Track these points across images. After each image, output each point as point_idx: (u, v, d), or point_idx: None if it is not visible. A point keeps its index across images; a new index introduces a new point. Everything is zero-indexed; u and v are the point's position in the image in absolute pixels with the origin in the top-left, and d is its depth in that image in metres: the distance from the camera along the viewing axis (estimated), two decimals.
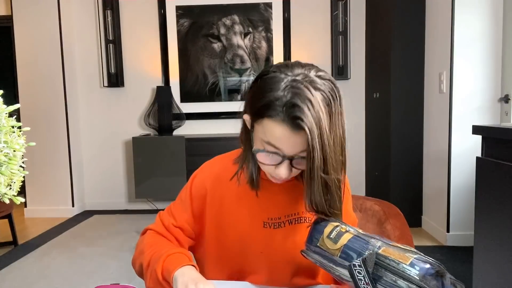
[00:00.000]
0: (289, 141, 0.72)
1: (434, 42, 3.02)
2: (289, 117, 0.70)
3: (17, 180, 0.57)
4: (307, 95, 0.69)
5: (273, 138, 0.72)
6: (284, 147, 0.73)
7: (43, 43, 3.79)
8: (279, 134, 0.71)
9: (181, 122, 4.00)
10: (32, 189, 3.91)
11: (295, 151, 0.73)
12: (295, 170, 0.77)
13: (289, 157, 0.74)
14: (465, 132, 2.71)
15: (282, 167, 0.75)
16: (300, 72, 0.73)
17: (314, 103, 0.69)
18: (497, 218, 1.50)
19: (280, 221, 0.87)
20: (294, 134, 0.71)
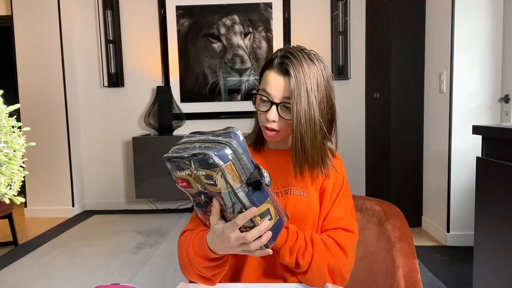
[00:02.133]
0: (277, 84, 0.89)
1: (434, 42, 3.02)
2: (279, 64, 0.89)
3: (17, 180, 0.57)
4: (298, 55, 0.89)
5: (266, 84, 0.91)
6: (273, 91, 0.89)
7: (43, 43, 3.79)
8: (270, 78, 0.90)
9: (181, 122, 4.00)
10: (32, 189, 3.91)
11: (281, 95, 0.89)
12: (282, 120, 0.90)
13: (276, 102, 0.89)
14: (465, 132, 2.71)
15: (271, 112, 0.90)
16: (298, 48, 0.93)
17: (302, 61, 0.88)
18: (497, 218, 1.50)
19: (278, 191, 0.96)
20: (281, 78, 0.89)
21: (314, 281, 0.90)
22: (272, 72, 0.90)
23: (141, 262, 2.68)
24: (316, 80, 0.88)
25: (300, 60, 0.88)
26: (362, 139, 4.04)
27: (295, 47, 0.92)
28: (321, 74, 0.89)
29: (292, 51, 0.90)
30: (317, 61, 0.90)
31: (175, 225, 3.50)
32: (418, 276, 0.99)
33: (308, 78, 0.87)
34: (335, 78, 3.93)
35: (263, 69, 0.94)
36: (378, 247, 1.08)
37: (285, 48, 0.93)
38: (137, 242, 3.09)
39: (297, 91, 0.86)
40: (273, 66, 0.90)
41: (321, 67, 0.90)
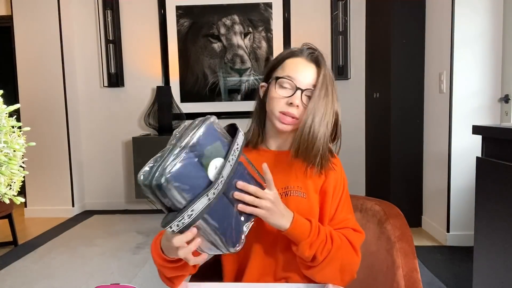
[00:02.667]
0: (305, 70, 0.93)
1: (434, 42, 3.02)
2: (309, 54, 0.95)
3: (17, 180, 0.57)
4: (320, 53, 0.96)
5: (292, 69, 0.93)
6: (301, 77, 0.92)
7: (43, 43, 3.78)
8: (299, 63, 0.94)
9: (181, 122, 4.00)
10: (32, 189, 3.91)
11: (307, 81, 0.92)
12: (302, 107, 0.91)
13: (301, 88, 0.91)
14: (465, 132, 2.71)
15: (295, 97, 0.91)
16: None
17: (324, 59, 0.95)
18: (497, 218, 1.50)
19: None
20: (311, 66, 0.93)
21: (325, 276, 0.90)
22: (301, 59, 0.94)
23: (141, 262, 2.68)
24: (332, 80, 0.94)
25: (323, 58, 0.95)
26: (362, 139, 4.04)
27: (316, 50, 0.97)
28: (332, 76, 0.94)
29: (315, 48, 0.96)
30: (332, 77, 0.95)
31: None
32: (418, 276, 0.99)
33: (329, 76, 0.93)
34: (335, 78, 3.93)
35: (285, 58, 0.96)
36: (378, 247, 1.08)
37: (306, 44, 0.97)
38: (137, 242, 3.09)
39: (324, 83, 0.91)
40: (302, 54, 0.95)
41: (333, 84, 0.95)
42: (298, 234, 0.86)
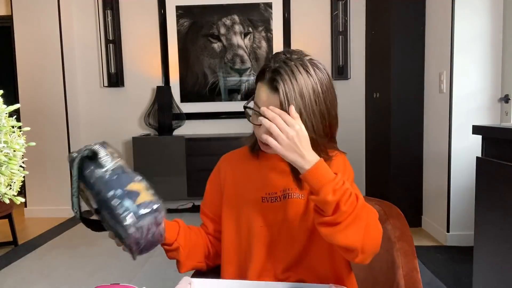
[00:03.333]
0: (267, 101, 0.84)
1: (434, 42, 3.02)
2: (269, 79, 0.84)
3: (17, 180, 0.57)
4: (292, 68, 0.83)
5: (258, 98, 0.87)
6: (264, 105, 0.84)
7: (43, 43, 3.78)
8: (261, 93, 0.86)
9: (181, 122, 4.00)
10: (32, 189, 3.91)
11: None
12: None
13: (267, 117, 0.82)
14: (465, 132, 2.71)
15: (263, 127, 0.83)
16: (296, 56, 0.86)
17: (296, 74, 0.82)
18: (497, 218, 1.50)
19: (276, 196, 0.95)
20: (272, 95, 0.84)
21: (347, 237, 0.79)
22: (263, 87, 0.85)
23: (141, 262, 2.68)
24: (312, 94, 0.83)
25: (294, 74, 0.82)
26: (362, 139, 4.04)
27: (291, 55, 0.86)
28: (318, 86, 0.84)
29: (286, 62, 0.84)
30: (314, 70, 0.85)
31: None
32: (418, 276, 0.99)
33: (303, 93, 0.82)
34: (335, 78, 3.94)
35: (257, 79, 0.89)
36: None
37: (281, 57, 0.86)
38: None
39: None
40: (264, 80, 0.85)
41: (319, 76, 0.85)
42: (319, 176, 0.77)
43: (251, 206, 0.96)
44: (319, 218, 0.80)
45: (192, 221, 1.08)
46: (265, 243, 0.95)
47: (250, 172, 0.99)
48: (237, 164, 1.03)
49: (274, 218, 0.95)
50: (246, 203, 0.97)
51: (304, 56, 0.87)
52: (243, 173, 1.00)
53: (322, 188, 0.77)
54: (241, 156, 1.03)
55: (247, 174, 0.99)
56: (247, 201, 0.97)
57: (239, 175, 1.01)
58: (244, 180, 0.99)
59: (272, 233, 0.95)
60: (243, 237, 0.98)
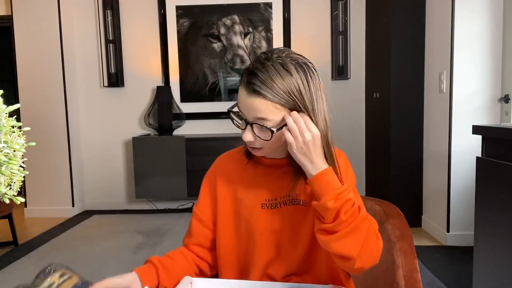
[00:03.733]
0: (246, 104, 0.82)
1: (434, 42, 3.02)
2: (248, 82, 0.80)
3: (17, 180, 0.57)
4: (270, 70, 0.79)
5: (239, 101, 0.84)
6: (244, 110, 0.83)
7: (43, 43, 3.79)
8: (241, 96, 0.83)
9: (181, 122, 4.00)
10: (32, 189, 3.91)
11: (252, 116, 0.82)
12: (259, 139, 0.84)
13: (249, 121, 0.83)
14: (465, 132, 2.71)
15: (246, 132, 0.84)
16: (277, 55, 0.82)
17: (274, 76, 0.79)
18: (497, 218, 1.50)
19: (276, 202, 0.93)
20: (251, 99, 0.80)
21: (344, 246, 0.79)
22: (242, 90, 0.82)
23: (141, 262, 2.67)
24: (294, 93, 0.80)
25: (269, 75, 0.79)
26: (362, 139, 4.04)
27: (272, 55, 0.82)
28: (300, 85, 0.80)
29: (264, 63, 0.80)
30: (296, 69, 0.80)
31: (175, 225, 3.50)
32: (418, 276, 0.99)
33: (280, 93, 0.79)
34: (335, 78, 3.95)
35: (240, 82, 0.85)
36: None
37: (260, 58, 0.82)
38: (137, 242, 3.09)
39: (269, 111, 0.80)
40: (242, 84, 0.82)
41: (302, 76, 0.80)
42: (324, 183, 0.79)
43: (250, 213, 0.94)
44: (319, 225, 0.82)
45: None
46: (265, 250, 0.94)
47: (248, 178, 0.96)
48: (234, 169, 0.99)
49: (274, 224, 0.93)
50: (245, 210, 0.95)
51: (289, 55, 0.82)
52: (241, 179, 0.97)
53: (324, 194, 0.79)
54: (237, 160, 0.99)
55: (245, 180, 0.97)
56: (246, 208, 0.95)
57: (237, 181, 0.97)
58: (243, 186, 0.96)
59: (272, 240, 0.93)
60: (242, 244, 0.96)
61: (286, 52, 0.83)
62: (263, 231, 0.93)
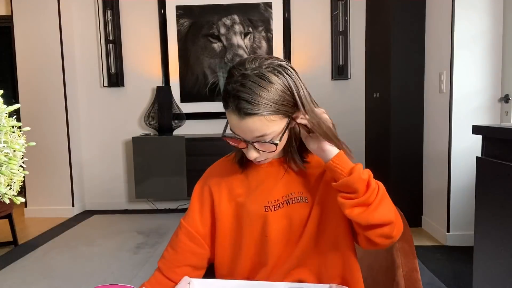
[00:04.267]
0: (241, 129, 0.81)
1: (434, 42, 3.02)
2: (237, 108, 0.79)
3: (17, 180, 0.57)
4: (252, 87, 0.77)
5: (232, 126, 0.83)
6: (240, 133, 0.82)
7: (43, 43, 3.79)
8: (233, 122, 0.82)
9: (181, 122, 4.00)
10: (32, 189, 3.91)
11: (252, 136, 0.81)
12: (264, 153, 0.85)
13: (250, 142, 0.83)
14: (465, 132, 2.71)
15: (249, 151, 0.85)
16: (250, 66, 0.80)
17: (258, 91, 0.77)
18: (497, 218, 1.50)
19: (278, 203, 0.93)
20: (244, 123, 0.80)
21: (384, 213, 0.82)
22: (233, 116, 0.81)
23: (141, 262, 2.68)
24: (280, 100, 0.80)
25: (256, 92, 0.77)
26: (362, 139, 4.05)
27: (245, 70, 0.79)
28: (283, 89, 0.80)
29: (243, 83, 0.78)
30: (275, 75, 0.79)
31: (175, 225, 3.49)
32: (418, 276, 0.99)
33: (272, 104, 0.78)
34: (335, 78, 3.95)
35: (224, 106, 0.83)
36: None
37: (235, 77, 0.80)
38: (137, 242, 3.09)
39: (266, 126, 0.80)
40: (230, 107, 0.80)
41: (282, 79, 0.80)
42: (347, 160, 0.84)
43: (253, 217, 0.93)
44: (351, 201, 0.82)
45: None
46: (270, 251, 0.93)
47: (247, 183, 0.95)
48: (229, 176, 0.97)
49: (278, 225, 0.92)
50: (247, 215, 0.93)
51: (262, 64, 0.80)
52: (239, 185, 0.96)
53: (354, 168, 0.83)
54: (229, 167, 0.98)
55: (244, 186, 0.95)
56: (249, 213, 0.93)
57: (235, 188, 0.95)
58: (242, 192, 0.95)
59: (277, 241, 0.93)
60: (244, 249, 0.94)
61: (257, 60, 0.81)
62: (268, 233, 0.92)
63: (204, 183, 0.99)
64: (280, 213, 0.92)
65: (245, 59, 0.83)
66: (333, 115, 0.89)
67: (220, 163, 1.02)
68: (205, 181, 0.99)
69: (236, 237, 0.95)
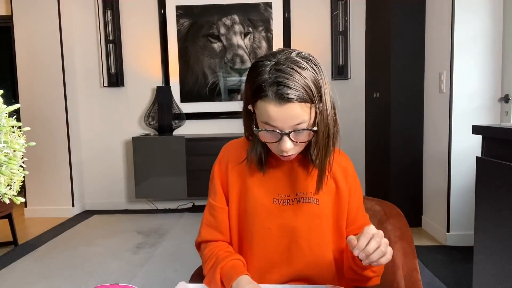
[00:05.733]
0: (281, 117, 0.79)
1: (434, 42, 3.02)
2: (276, 94, 0.77)
3: (17, 180, 0.57)
4: (289, 72, 0.78)
5: (267, 117, 0.80)
6: (279, 124, 0.80)
7: (43, 43, 3.79)
8: (271, 112, 0.79)
9: (181, 122, 4.00)
10: (32, 189, 3.91)
11: (289, 125, 0.80)
12: (298, 144, 0.83)
13: (286, 132, 0.81)
14: (465, 132, 2.71)
15: (284, 143, 0.81)
16: (282, 56, 0.81)
17: (295, 75, 0.77)
18: (497, 218, 1.50)
19: (288, 198, 0.92)
20: (284, 109, 0.78)
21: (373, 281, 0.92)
22: (270, 105, 0.79)
23: (141, 262, 2.68)
24: (318, 85, 0.80)
25: (295, 79, 0.77)
26: (362, 139, 4.05)
27: (282, 58, 0.80)
28: (315, 77, 0.80)
29: (280, 69, 0.78)
30: (307, 62, 0.80)
31: (175, 225, 3.50)
32: (418, 276, 0.99)
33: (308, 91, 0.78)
34: (335, 78, 3.95)
35: (255, 97, 0.81)
36: None
37: (272, 66, 0.79)
38: (137, 242, 3.09)
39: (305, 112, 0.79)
40: (268, 97, 0.78)
41: (312, 66, 0.81)
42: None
43: (260, 206, 0.93)
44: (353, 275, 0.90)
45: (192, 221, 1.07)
46: (271, 246, 0.93)
47: (260, 172, 0.94)
48: (244, 162, 0.96)
49: (284, 221, 0.92)
50: (255, 203, 0.93)
51: (290, 53, 0.82)
52: (252, 171, 0.95)
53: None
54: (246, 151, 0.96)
55: (256, 174, 0.94)
56: (256, 202, 0.93)
57: (247, 173, 0.95)
58: (254, 180, 0.94)
59: (279, 237, 0.92)
60: (246, 238, 0.95)
61: (286, 51, 0.82)
62: (271, 226, 0.92)
63: (223, 159, 0.99)
64: (288, 209, 0.92)
65: (271, 52, 0.83)
66: None
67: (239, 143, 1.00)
68: (223, 157, 1.00)
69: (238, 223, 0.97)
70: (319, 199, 0.92)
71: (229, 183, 0.96)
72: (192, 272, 1.11)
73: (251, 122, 0.88)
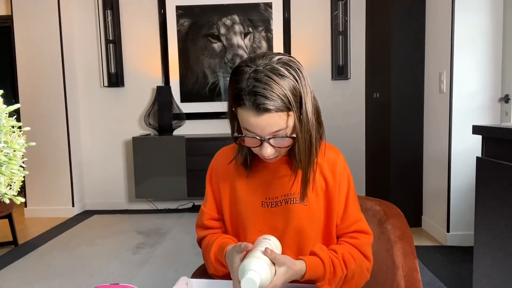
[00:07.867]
0: (260, 125, 0.80)
1: (434, 42, 3.02)
2: (253, 104, 0.78)
3: (17, 180, 0.57)
4: (267, 81, 0.78)
5: (247, 124, 0.82)
6: (258, 131, 0.81)
7: (43, 43, 3.78)
8: (250, 120, 0.80)
9: (181, 122, 4.00)
10: (32, 189, 3.91)
11: (268, 132, 0.81)
12: (279, 149, 0.85)
13: (265, 139, 0.82)
14: (465, 132, 2.71)
15: (264, 148, 0.83)
16: (262, 62, 0.81)
17: (274, 88, 0.78)
18: (497, 218, 1.50)
19: (277, 200, 0.93)
20: (262, 119, 0.79)
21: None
22: (249, 113, 0.80)
23: (141, 262, 2.68)
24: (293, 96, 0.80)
25: (272, 88, 0.77)
26: (362, 139, 4.04)
27: (257, 65, 0.80)
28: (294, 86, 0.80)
29: (257, 78, 0.78)
30: (287, 70, 0.80)
31: (175, 225, 3.50)
32: (418, 276, 0.99)
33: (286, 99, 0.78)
34: (335, 78, 3.95)
35: (235, 104, 0.82)
36: (378, 247, 1.08)
37: (247, 73, 0.80)
38: (137, 242, 3.09)
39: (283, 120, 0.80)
40: (246, 106, 0.79)
41: (293, 74, 0.80)
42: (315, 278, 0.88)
43: (249, 210, 0.94)
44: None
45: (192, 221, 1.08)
46: None
47: (248, 176, 0.96)
48: (233, 165, 0.98)
49: (274, 223, 0.93)
50: (244, 208, 0.95)
51: (271, 58, 0.81)
52: (240, 176, 0.97)
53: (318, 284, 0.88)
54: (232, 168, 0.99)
55: (245, 178, 0.96)
56: (246, 206, 0.95)
57: (236, 178, 0.97)
58: (242, 183, 0.96)
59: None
60: (241, 240, 0.96)
61: (267, 56, 0.82)
62: (263, 229, 0.93)
63: (214, 166, 1.04)
64: (277, 211, 0.93)
65: (253, 56, 0.83)
66: (333, 115, 0.90)
67: (230, 149, 1.03)
68: (214, 164, 1.04)
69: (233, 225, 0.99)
70: (307, 200, 0.92)
71: (221, 189, 1.00)
72: (192, 272, 1.11)
73: (234, 126, 0.90)
